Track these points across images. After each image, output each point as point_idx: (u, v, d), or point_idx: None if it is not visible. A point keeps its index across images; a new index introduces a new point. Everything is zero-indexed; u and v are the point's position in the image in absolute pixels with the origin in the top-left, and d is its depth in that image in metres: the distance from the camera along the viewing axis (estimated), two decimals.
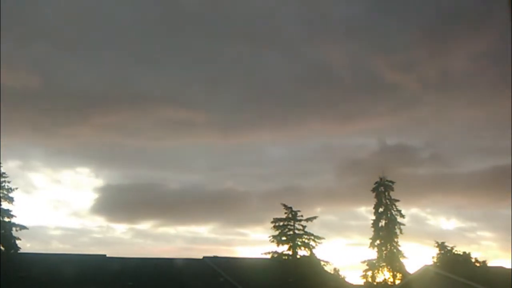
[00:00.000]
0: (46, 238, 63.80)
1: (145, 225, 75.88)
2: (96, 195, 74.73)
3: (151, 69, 64.42)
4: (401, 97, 66.78)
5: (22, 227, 47.97)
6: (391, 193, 52.92)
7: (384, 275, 51.90)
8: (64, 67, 60.72)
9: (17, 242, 47.98)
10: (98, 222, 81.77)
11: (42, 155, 69.24)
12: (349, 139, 71.35)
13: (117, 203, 66.97)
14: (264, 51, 64.63)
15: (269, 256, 46.79)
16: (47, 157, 69.83)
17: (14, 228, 47.82)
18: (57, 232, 68.61)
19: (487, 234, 75.13)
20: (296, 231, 46.96)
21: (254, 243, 71.80)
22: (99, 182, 77.23)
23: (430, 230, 68.79)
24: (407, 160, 69.67)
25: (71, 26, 59.46)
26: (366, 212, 71.07)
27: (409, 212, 70.22)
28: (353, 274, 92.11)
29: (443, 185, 65.22)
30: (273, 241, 46.78)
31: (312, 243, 46.87)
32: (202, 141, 68.86)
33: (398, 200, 52.60)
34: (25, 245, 48.51)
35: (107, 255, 44.87)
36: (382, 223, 52.50)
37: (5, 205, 47.88)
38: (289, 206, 47.52)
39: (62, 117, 61.85)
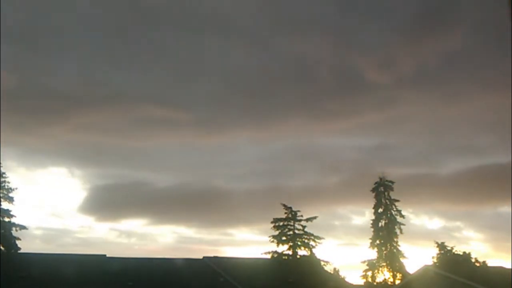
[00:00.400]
0: (29, 238, 63.68)
1: (129, 225, 76.20)
2: (77, 195, 75.07)
3: (127, 67, 64.54)
4: (380, 95, 66.62)
5: (22, 227, 47.98)
6: (391, 193, 52.96)
7: (384, 275, 51.94)
8: (41, 67, 60.73)
9: (17, 242, 48.00)
10: (81, 222, 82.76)
11: (19, 155, 68.39)
12: (328, 138, 71.41)
13: (99, 203, 67.11)
14: (244, 48, 64.83)
15: (269, 256, 46.83)
16: (24, 157, 69.29)
17: (14, 228, 47.82)
18: (39, 232, 68.11)
19: (472, 233, 75.14)
20: (296, 231, 47.00)
21: (241, 243, 72.00)
22: (80, 182, 76.71)
23: (416, 229, 68.51)
24: (388, 159, 70.12)
25: (48, 26, 59.43)
26: (350, 212, 71.80)
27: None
28: (352, 273, 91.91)
29: (425, 184, 64.86)
30: (273, 241, 46.84)
31: (312, 243, 46.91)
32: (183, 139, 68.87)
33: (398, 200, 52.65)
34: (25, 245, 48.60)
35: (107, 255, 44.93)
36: (382, 223, 52.51)
37: (5, 205, 47.90)
38: (289, 206, 47.60)
39: (41, 117, 61.85)
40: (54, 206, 78.94)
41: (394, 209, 52.47)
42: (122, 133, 66.64)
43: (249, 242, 71.88)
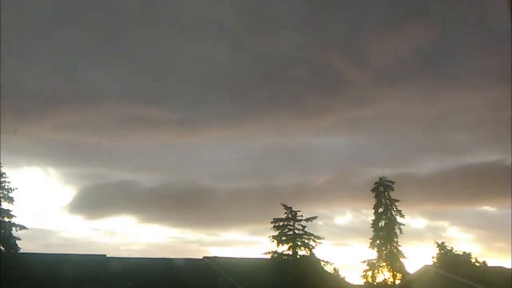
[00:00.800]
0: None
1: (114, 224, 76.25)
2: (59, 195, 74.90)
3: (106, 67, 64.28)
4: (358, 93, 66.75)
5: (22, 227, 47.97)
6: (391, 193, 52.92)
7: (384, 275, 51.91)
8: (19, 66, 60.44)
9: (17, 242, 47.99)
10: (63, 222, 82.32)
11: None
12: (307, 137, 71.83)
13: (81, 202, 67.34)
14: (222, 47, 64.66)
15: (269, 256, 46.81)
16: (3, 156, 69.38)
17: (14, 228, 47.81)
18: (21, 232, 68.09)
19: (457, 233, 75.25)
20: (296, 231, 46.96)
21: (228, 243, 72.21)
22: (60, 181, 76.69)
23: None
24: (366, 159, 70.21)
25: (26, 26, 59.23)
26: (331, 212, 71.69)
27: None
28: (351, 273, 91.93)
29: (405, 184, 65.27)
30: (273, 241, 46.80)
31: (312, 243, 46.87)
32: (164, 139, 68.83)
33: (398, 200, 52.60)
34: (25, 245, 48.59)
35: (107, 255, 44.94)
36: (382, 223, 52.48)
37: (5, 205, 47.89)
38: (289, 206, 47.55)
39: (19, 116, 61.29)
40: (34, 206, 78.19)
41: (394, 209, 52.46)
42: (103, 133, 66.57)
43: (236, 243, 72.40)
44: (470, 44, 62.14)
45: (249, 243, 72.28)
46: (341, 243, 72.36)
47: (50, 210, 78.14)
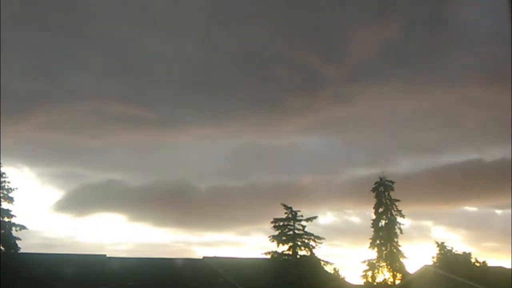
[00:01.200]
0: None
1: (99, 224, 75.78)
2: (39, 194, 74.41)
3: (84, 67, 63.40)
4: (335, 92, 66.50)
5: (22, 227, 47.97)
6: (391, 193, 52.94)
7: (384, 275, 51.92)
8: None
9: (17, 242, 47.99)
10: (45, 222, 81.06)
11: None
12: (286, 136, 70.86)
13: (65, 202, 66.90)
14: (201, 46, 64.33)
15: (269, 256, 46.81)
16: None
17: (14, 228, 47.81)
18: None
19: (443, 233, 75.28)
20: (296, 231, 46.97)
21: (214, 243, 71.94)
22: (41, 181, 76.34)
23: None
24: (345, 159, 70.08)
25: (2, 26, 58.86)
26: (312, 212, 71.24)
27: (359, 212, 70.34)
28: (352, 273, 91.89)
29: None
30: (273, 241, 46.82)
31: (312, 243, 46.89)
32: (146, 138, 67.93)
33: (398, 200, 52.60)
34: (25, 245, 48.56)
35: (107, 255, 44.95)
36: (382, 223, 52.49)
37: (5, 205, 47.89)
38: (289, 206, 47.56)
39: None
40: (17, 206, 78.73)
41: (394, 209, 52.48)
42: (83, 132, 65.79)
43: (222, 243, 72.20)
44: (442, 41, 62.32)
45: (237, 243, 72.80)
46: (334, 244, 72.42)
47: (31, 210, 77.59)
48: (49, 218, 77.45)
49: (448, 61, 62.97)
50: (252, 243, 72.37)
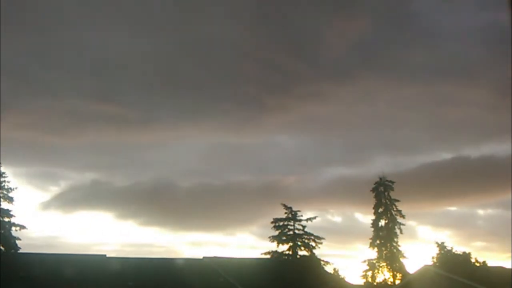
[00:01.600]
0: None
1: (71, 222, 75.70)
2: (15, 194, 74.27)
3: (58, 66, 63.94)
4: (307, 91, 67.13)
5: (22, 227, 48.00)
6: (391, 193, 52.91)
7: (384, 275, 51.93)
8: None
9: (17, 242, 48.01)
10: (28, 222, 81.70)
11: None
12: (256, 136, 71.78)
13: (39, 202, 67.79)
14: (173, 44, 64.50)
15: (269, 256, 46.83)
16: None
17: (14, 228, 47.84)
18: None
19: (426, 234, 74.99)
20: (296, 231, 46.99)
21: (196, 244, 71.65)
22: (16, 180, 76.18)
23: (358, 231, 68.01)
24: (321, 158, 70.20)
25: None
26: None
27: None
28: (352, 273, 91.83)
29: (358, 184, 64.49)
30: (273, 241, 46.84)
31: (312, 243, 46.90)
32: (119, 136, 68.33)
33: (398, 200, 52.59)
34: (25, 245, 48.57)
35: (107, 255, 44.95)
36: (382, 223, 52.48)
37: (5, 205, 47.92)
38: (289, 206, 47.58)
39: None
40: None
41: (394, 209, 52.46)
42: (59, 131, 66.00)
43: (203, 243, 71.98)
44: (413, 39, 62.66)
45: (222, 244, 72.94)
46: None
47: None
48: (30, 218, 77.84)
49: (419, 59, 63.50)
50: (238, 243, 72.87)
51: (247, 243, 73.10)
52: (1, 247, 46.89)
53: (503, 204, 68.63)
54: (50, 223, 78.19)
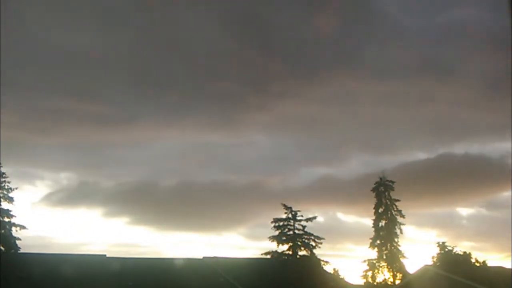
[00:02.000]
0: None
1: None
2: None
3: (32, 62, 62.61)
4: (284, 90, 66.92)
5: (22, 227, 48.00)
6: (391, 193, 52.89)
7: (384, 275, 51.92)
8: None
9: (17, 242, 48.00)
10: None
11: None
12: (233, 137, 71.60)
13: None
14: (148, 43, 64.33)
15: (269, 256, 46.81)
16: None
17: (14, 228, 47.84)
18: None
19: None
20: (296, 231, 46.97)
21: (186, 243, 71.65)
22: None
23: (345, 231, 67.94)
24: (299, 159, 70.01)
25: None
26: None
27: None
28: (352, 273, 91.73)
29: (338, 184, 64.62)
30: (273, 241, 46.82)
31: (312, 243, 46.88)
32: (95, 135, 67.72)
33: (398, 200, 52.56)
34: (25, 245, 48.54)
35: (107, 255, 44.96)
36: (382, 223, 52.47)
37: (5, 205, 47.93)
38: (289, 206, 47.55)
39: None
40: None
41: (395, 209, 52.44)
42: (34, 129, 65.21)
43: (188, 242, 72.08)
44: (388, 38, 62.61)
45: (208, 243, 73.42)
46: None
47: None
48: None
49: (396, 57, 63.34)
50: (225, 242, 72.77)
51: (235, 243, 73.14)
52: (1, 247, 46.90)
53: (486, 204, 69.83)
54: (37, 223, 78.01)
